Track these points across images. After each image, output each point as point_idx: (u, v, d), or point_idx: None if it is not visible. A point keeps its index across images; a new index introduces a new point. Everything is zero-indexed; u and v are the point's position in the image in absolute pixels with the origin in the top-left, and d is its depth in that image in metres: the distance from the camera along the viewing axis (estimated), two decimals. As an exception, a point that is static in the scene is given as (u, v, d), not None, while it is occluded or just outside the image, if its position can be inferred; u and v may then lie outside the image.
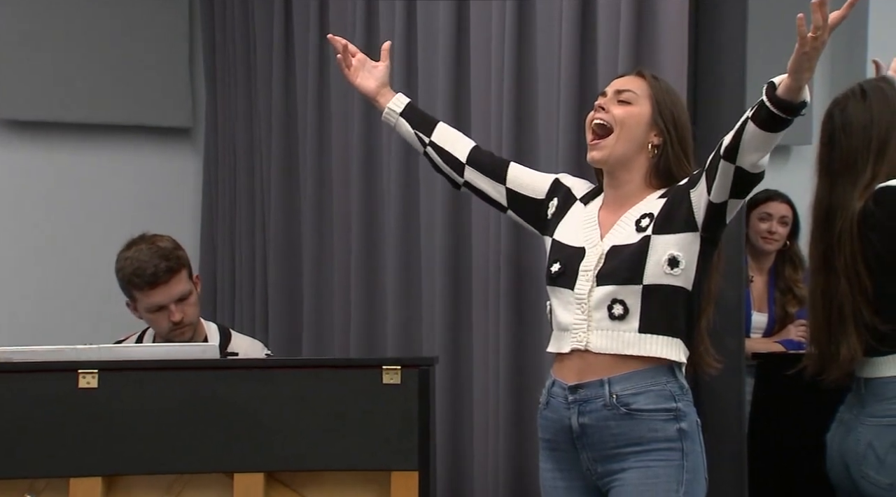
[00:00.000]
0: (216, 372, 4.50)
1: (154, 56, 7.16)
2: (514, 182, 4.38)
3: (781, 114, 3.55)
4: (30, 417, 4.31)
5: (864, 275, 3.90)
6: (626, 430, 3.87)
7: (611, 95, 4.04)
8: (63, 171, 6.81)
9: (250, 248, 6.81)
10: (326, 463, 4.29)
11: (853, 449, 4.03)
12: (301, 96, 6.42)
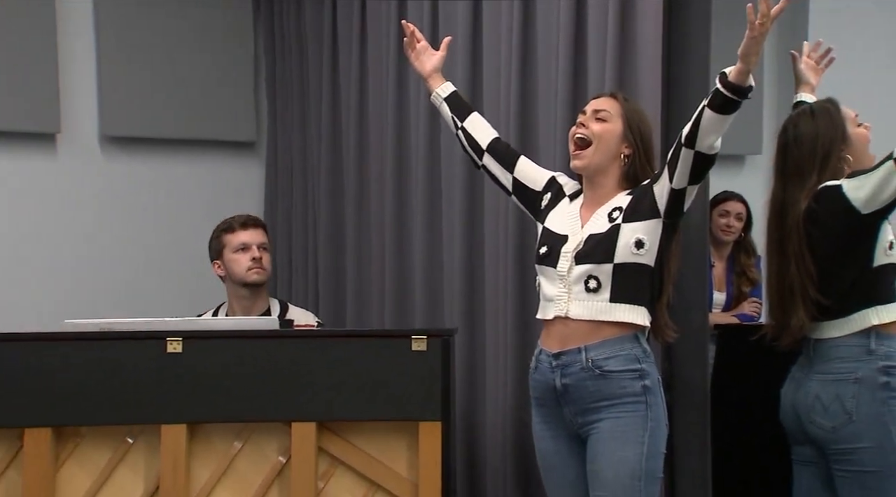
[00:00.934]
0: (277, 340, 4.60)
1: (225, 79, 7.00)
2: (520, 173, 4.42)
3: (733, 96, 3.66)
4: (128, 376, 4.41)
5: (809, 260, 3.98)
6: (600, 387, 3.95)
7: (590, 113, 4.10)
8: (151, 180, 6.68)
9: (303, 240, 6.75)
10: (366, 414, 4.39)
11: (803, 401, 4.10)
12: (344, 110, 6.34)
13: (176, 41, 6.80)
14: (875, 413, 3.96)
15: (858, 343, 4.05)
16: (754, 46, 3.63)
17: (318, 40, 6.52)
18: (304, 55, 6.69)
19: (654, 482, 4.00)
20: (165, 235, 6.46)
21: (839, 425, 3.99)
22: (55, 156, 6.54)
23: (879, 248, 4.01)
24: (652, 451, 3.96)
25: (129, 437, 4.43)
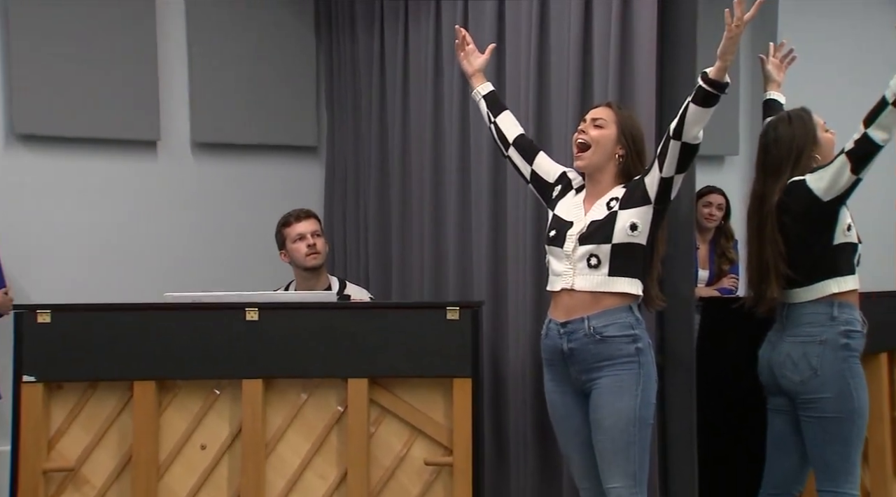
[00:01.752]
0: (335, 311, 4.74)
1: (292, 94, 6.98)
2: (537, 166, 4.43)
3: (713, 90, 3.73)
4: (215, 339, 4.54)
5: (781, 243, 4.05)
6: (601, 350, 4.00)
7: (589, 121, 4.13)
8: (233, 179, 6.80)
9: (355, 228, 6.72)
10: (409, 372, 4.50)
11: (777, 359, 4.16)
12: (390, 119, 6.33)
13: (254, 61, 6.80)
14: (836, 369, 4.03)
15: (823, 311, 4.08)
16: (731, 46, 3.71)
17: (368, 62, 6.52)
18: (356, 74, 6.68)
19: (647, 427, 4.03)
20: (245, 225, 6.46)
21: (806, 379, 4.06)
22: (156, 159, 6.60)
23: (839, 229, 4.06)
24: (644, 401, 4.01)
25: (216, 389, 4.56)
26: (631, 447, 4.02)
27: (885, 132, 3.88)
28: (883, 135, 3.87)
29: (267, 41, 6.86)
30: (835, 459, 4.11)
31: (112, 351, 4.59)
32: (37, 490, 4.60)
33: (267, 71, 6.85)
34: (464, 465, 4.47)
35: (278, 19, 6.90)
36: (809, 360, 4.07)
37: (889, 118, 3.84)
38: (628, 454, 4.03)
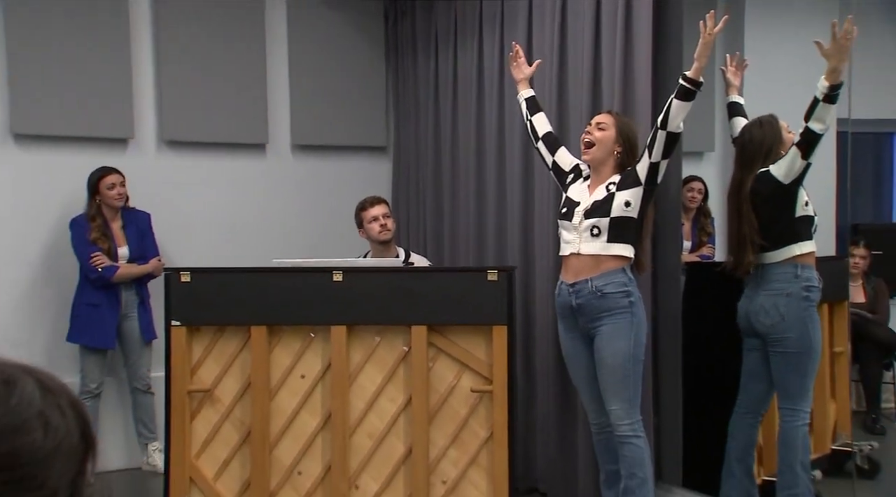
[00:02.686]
0: (401, 273, 4.99)
1: (366, 104, 6.99)
2: (558, 157, 4.54)
3: (692, 87, 3.89)
4: (310, 294, 4.77)
5: (754, 219, 4.18)
6: (601, 304, 4.18)
7: (594, 124, 4.28)
8: (322, 173, 6.86)
9: (416, 210, 6.76)
10: (458, 320, 4.66)
11: (753, 308, 4.29)
12: (443, 123, 6.36)
13: (338, 80, 6.84)
14: (798, 316, 4.19)
15: (789, 270, 4.22)
16: (704, 50, 3.88)
17: (426, 79, 6.58)
18: (416, 88, 6.72)
19: (639, 363, 4.20)
20: (331, 208, 6.46)
21: (775, 323, 4.22)
22: (264, 158, 6.76)
23: (799, 204, 4.19)
24: (636, 343, 4.17)
25: (311, 333, 4.78)
26: (627, 379, 4.16)
27: (821, 123, 3.96)
28: (820, 125, 3.96)
29: (349, 64, 6.88)
30: (794, 385, 4.23)
31: (234, 303, 4.84)
32: (184, 406, 4.83)
33: (348, 87, 6.89)
34: (501, 392, 4.59)
35: (358, 48, 6.92)
36: (778, 308, 4.20)
37: (821, 112, 3.91)
38: (625, 384, 4.16)
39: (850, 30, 3.76)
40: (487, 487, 4.62)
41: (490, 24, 5.78)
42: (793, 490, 4.18)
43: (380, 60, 7.00)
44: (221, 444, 4.84)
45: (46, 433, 0.90)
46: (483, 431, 4.65)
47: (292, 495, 4.78)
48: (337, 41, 6.83)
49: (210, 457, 4.85)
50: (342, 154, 6.95)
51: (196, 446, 4.83)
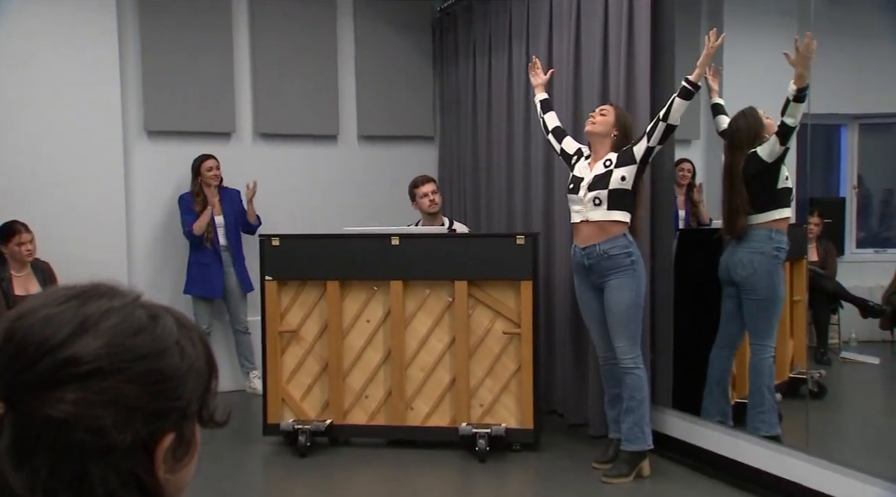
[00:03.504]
0: (447, 238, 5.08)
1: (417, 100, 6.92)
2: (565, 145, 4.53)
3: (693, 89, 3.95)
4: (373, 255, 4.85)
5: (745, 193, 4.17)
6: (608, 264, 4.23)
7: (597, 111, 4.35)
8: (382, 159, 6.80)
9: (458, 187, 6.66)
10: (493, 276, 4.75)
11: (732, 262, 4.28)
12: (480, 117, 6.29)
13: (395, 82, 6.81)
14: (767, 270, 4.21)
15: (765, 234, 4.21)
16: (706, 59, 3.94)
17: (466, 81, 6.53)
18: (458, 89, 6.68)
19: (640, 310, 4.27)
20: (390, 186, 6.40)
21: (749, 275, 4.24)
22: (335, 147, 6.76)
23: (780, 178, 4.19)
24: (637, 293, 4.25)
25: (374, 286, 4.90)
26: (630, 322, 4.24)
27: (792, 118, 3.98)
28: (792, 120, 3.99)
29: (404, 71, 6.84)
30: (762, 326, 4.25)
31: (314, 262, 4.94)
32: (276, 343, 4.96)
33: (403, 89, 6.86)
34: (527, 333, 4.70)
35: (411, 57, 6.87)
36: (753, 263, 4.21)
37: (792, 109, 3.95)
38: (629, 326, 4.24)
39: (811, 44, 3.82)
40: (516, 409, 4.76)
41: (518, 37, 5.77)
42: (760, 408, 4.20)
43: (428, 67, 6.98)
44: (305, 374, 4.99)
45: (182, 357, 0.90)
46: (513, 365, 4.77)
47: (361, 414, 4.93)
48: (394, 52, 6.82)
49: (297, 383, 5.00)
50: (398, 143, 6.93)
51: (286, 375, 4.98)
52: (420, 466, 4.66)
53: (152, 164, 6.20)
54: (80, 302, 0.88)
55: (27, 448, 0.82)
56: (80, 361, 0.83)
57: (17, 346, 0.84)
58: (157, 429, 0.87)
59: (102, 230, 5.97)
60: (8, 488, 0.82)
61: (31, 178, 5.76)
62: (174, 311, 0.93)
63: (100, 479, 0.83)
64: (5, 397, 0.83)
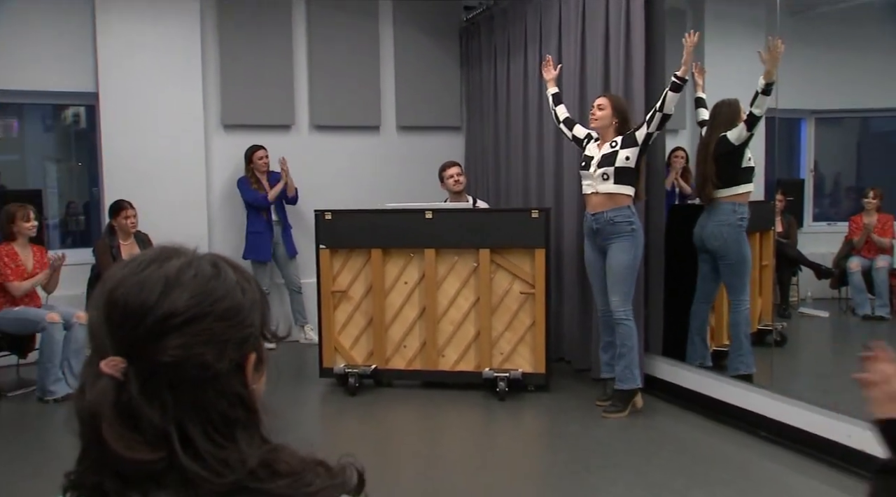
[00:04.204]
0: (471, 213, 4.99)
1: (446, 93, 6.87)
2: (575, 131, 4.51)
3: (681, 82, 3.98)
4: (410, 227, 4.88)
5: (713, 166, 4.20)
6: (612, 230, 4.25)
7: (595, 107, 4.33)
8: (416, 147, 6.75)
9: (482, 170, 6.58)
10: (512, 245, 4.75)
11: (705, 232, 4.31)
12: (501, 109, 6.24)
13: (429, 80, 6.79)
14: (735, 238, 4.24)
15: (729, 208, 4.22)
16: (688, 56, 3.95)
17: (488, 79, 6.47)
18: (482, 86, 6.62)
19: (635, 271, 4.29)
20: (423, 169, 6.28)
21: (720, 244, 4.27)
22: (378, 136, 6.78)
23: (744, 159, 4.21)
24: (635, 257, 4.28)
25: (411, 253, 4.93)
26: (625, 280, 4.27)
27: (759, 109, 4.02)
28: (759, 110, 4.03)
29: (436, 71, 6.83)
30: (737, 284, 4.30)
31: (361, 233, 4.97)
32: (329, 302, 5.04)
33: (435, 87, 6.86)
34: (540, 294, 4.73)
35: (442, 60, 6.85)
36: (722, 234, 4.25)
37: (760, 101, 3.99)
38: (624, 283, 4.27)
39: (779, 46, 3.87)
40: (531, 357, 4.80)
41: (532, 42, 5.75)
42: (740, 351, 4.25)
43: (456, 68, 6.97)
44: (354, 327, 5.06)
45: (244, 294, 0.90)
46: (528, 320, 4.80)
47: (400, 360, 4.99)
48: (427, 55, 6.82)
49: (347, 335, 5.07)
50: (430, 132, 6.91)
51: (337, 327, 5.06)
52: (449, 404, 4.73)
53: (227, 152, 6.35)
54: (158, 264, 0.89)
55: (152, 389, 0.84)
56: (176, 313, 0.85)
57: (122, 311, 0.86)
58: (244, 353, 0.89)
59: (188, 207, 6.17)
60: (148, 421, 0.83)
61: (133, 164, 6.00)
62: (225, 258, 0.94)
63: (213, 402, 0.85)
64: (124, 354, 0.84)
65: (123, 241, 5.50)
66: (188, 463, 0.82)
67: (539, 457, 4.02)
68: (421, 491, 3.38)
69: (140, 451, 0.82)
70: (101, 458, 0.83)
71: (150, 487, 0.83)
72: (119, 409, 0.83)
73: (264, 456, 0.87)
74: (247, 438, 0.87)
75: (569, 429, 4.20)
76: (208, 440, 0.84)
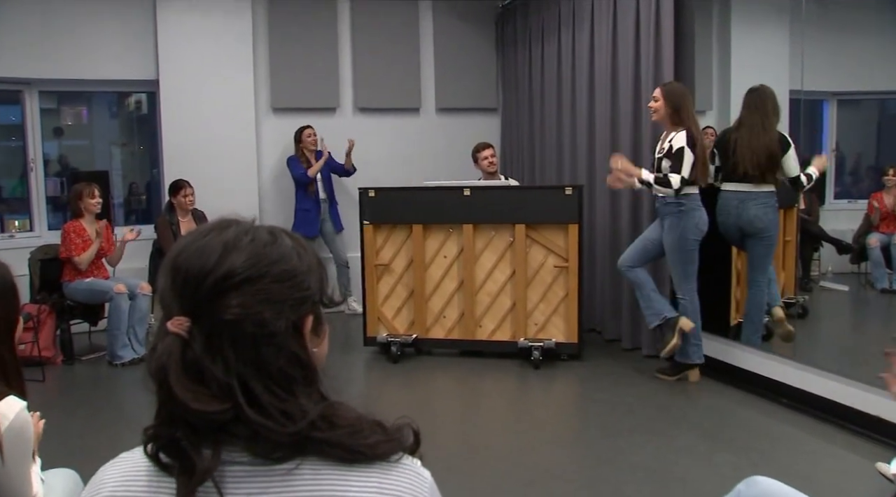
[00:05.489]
0: (509, 189, 4.96)
1: (483, 79, 6.84)
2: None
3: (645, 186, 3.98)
4: (449, 204, 4.89)
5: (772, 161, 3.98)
6: (664, 209, 4.13)
7: (652, 100, 4.20)
8: (454, 128, 6.71)
9: (517, 150, 6.53)
10: (546, 220, 4.72)
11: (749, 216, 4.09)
12: (535, 91, 6.19)
13: (467, 63, 6.77)
14: (776, 219, 4.14)
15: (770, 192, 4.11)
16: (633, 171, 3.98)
17: (523, 62, 6.41)
18: (517, 68, 6.56)
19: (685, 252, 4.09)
20: (460, 148, 6.15)
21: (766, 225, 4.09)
22: (418, 118, 6.81)
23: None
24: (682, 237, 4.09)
25: (450, 229, 4.95)
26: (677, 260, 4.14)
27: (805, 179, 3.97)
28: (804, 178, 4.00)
29: (472, 55, 6.80)
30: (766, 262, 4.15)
31: (402, 209, 5.00)
32: (372, 274, 5.08)
33: (473, 70, 6.83)
34: (573, 267, 4.71)
35: (478, 44, 6.82)
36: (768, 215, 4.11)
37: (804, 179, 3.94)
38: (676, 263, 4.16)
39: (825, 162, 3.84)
40: (564, 328, 4.82)
41: (566, 26, 5.71)
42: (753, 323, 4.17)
43: (492, 52, 6.94)
44: (396, 298, 5.10)
45: (301, 259, 0.91)
46: (561, 292, 4.80)
47: (440, 330, 5.04)
48: (465, 40, 6.81)
49: (389, 306, 5.12)
50: (468, 113, 6.90)
51: (381, 299, 5.11)
52: (486, 371, 4.75)
53: (276, 134, 6.43)
54: (218, 232, 0.92)
55: (215, 346, 0.86)
56: (234, 274, 0.87)
57: (185, 274, 0.89)
58: (301, 314, 0.91)
59: (240, 185, 6.27)
60: (211, 375, 0.86)
61: (190, 146, 6.14)
62: (283, 228, 0.96)
63: (272, 358, 0.87)
64: (188, 313, 0.87)
65: (182, 218, 5.65)
66: (252, 414, 0.85)
67: (570, 421, 4.05)
68: (459, 451, 3.44)
69: (206, 402, 0.84)
70: (173, 412, 0.85)
71: (221, 438, 0.86)
72: (185, 365, 0.86)
73: (323, 410, 0.89)
74: (305, 394, 0.89)
75: (599, 395, 4.22)
76: (269, 393, 0.86)
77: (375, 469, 0.88)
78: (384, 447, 0.89)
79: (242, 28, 6.26)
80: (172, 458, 0.87)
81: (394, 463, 0.90)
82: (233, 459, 0.86)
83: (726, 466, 3.14)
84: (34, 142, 6.07)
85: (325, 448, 0.87)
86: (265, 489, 0.86)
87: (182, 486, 0.85)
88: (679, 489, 2.96)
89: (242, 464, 0.86)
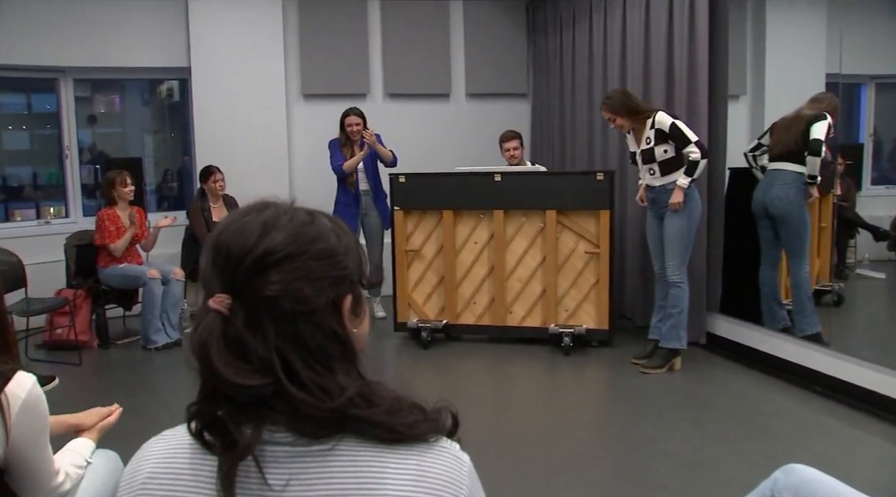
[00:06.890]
0: (540, 175, 4.96)
1: (514, 66, 6.83)
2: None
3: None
4: (480, 189, 4.84)
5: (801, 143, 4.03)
6: (667, 197, 4.19)
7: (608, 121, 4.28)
8: (485, 114, 6.71)
9: (548, 137, 6.51)
10: (577, 206, 4.71)
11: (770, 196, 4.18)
12: (565, 78, 6.16)
13: (497, 50, 6.74)
14: (799, 202, 4.15)
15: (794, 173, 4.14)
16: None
17: (554, 49, 6.39)
18: (547, 55, 6.53)
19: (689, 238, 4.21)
20: (489, 134, 6.06)
21: (785, 206, 4.16)
22: (448, 104, 6.81)
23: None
24: (688, 225, 4.20)
25: (481, 214, 4.96)
26: (679, 246, 4.25)
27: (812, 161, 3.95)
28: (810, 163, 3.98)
29: (503, 41, 6.78)
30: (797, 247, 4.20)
31: (432, 195, 5.02)
32: (403, 260, 5.12)
33: (503, 56, 6.80)
34: (604, 253, 4.72)
35: (509, 30, 6.79)
36: (789, 195, 4.13)
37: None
38: (678, 249, 4.25)
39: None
40: (595, 314, 4.83)
41: (597, 12, 5.68)
42: (803, 313, 4.20)
43: (523, 38, 6.91)
44: (426, 284, 5.14)
45: (339, 239, 0.93)
46: (592, 278, 4.81)
47: (470, 316, 5.06)
48: (496, 26, 6.78)
49: (420, 291, 5.16)
50: (498, 99, 6.88)
51: (411, 284, 5.15)
52: (516, 358, 4.77)
53: (307, 121, 6.48)
54: (257, 213, 0.93)
55: (256, 321, 0.87)
56: (274, 251, 0.89)
57: (226, 253, 0.90)
58: (340, 293, 0.92)
59: (271, 172, 6.33)
60: (252, 350, 0.87)
61: (221, 133, 6.20)
62: (321, 211, 0.98)
63: (311, 335, 0.88)
64: (229, 291, 0.89)
65: (213, 204, 5.69)
66: (291, 388, 0.86)
67: (600, 407, 4.06)
68: (489, 435, 3.47)
69: (247, 377, 0.85)
70: (216, 388, 0.87)
71: (263, 414, 0.87)
72: (227, 341, 0.87)
73: (362, 388, 0.90)
74: (344, 371, 0.90)
75: (630, 382, 4.23)
76: (308, 368, 0.87)
77: (413, 451, 0.89)
78: (422, 427, 0.90)
79: (273, 14, 6.30)
80: (214, 435, 0.88)
81: (432, 445, 0.90)
82: (273, 440, 0.87)
83: (757, 454, 3.13)
84: (69, 129, 6.17)
85: (363, 426, 0.88)
86: (304, 470, 0.87)
87: (224, 463, 0.86)
88: (710, 476, 2.96)
89: (282, 444, 0.88)
